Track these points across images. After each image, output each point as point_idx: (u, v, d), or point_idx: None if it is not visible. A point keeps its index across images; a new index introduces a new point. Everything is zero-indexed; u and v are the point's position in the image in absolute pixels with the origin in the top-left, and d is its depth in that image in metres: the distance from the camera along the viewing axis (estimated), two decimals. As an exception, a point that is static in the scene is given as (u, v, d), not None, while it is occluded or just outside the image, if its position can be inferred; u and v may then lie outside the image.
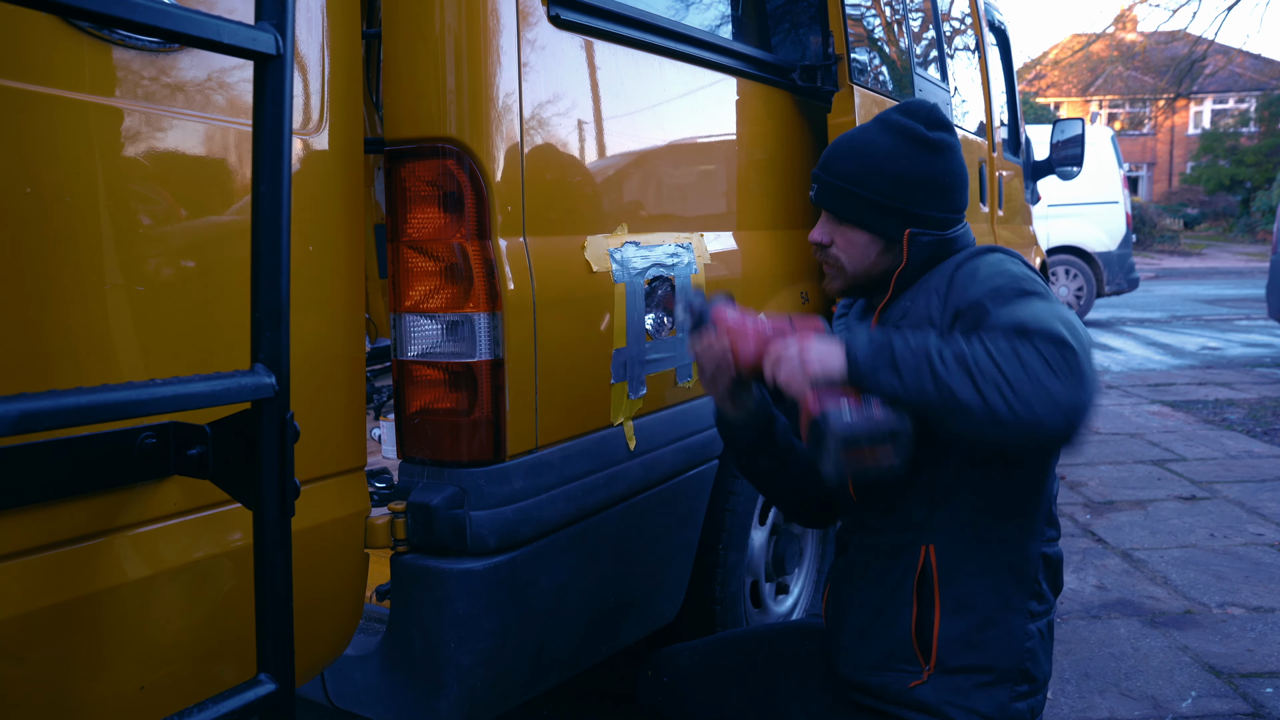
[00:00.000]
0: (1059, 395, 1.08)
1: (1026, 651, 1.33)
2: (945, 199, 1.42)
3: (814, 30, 2.26)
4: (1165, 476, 4.24)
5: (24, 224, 0.93)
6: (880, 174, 1.40)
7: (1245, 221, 24.88)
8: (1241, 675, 2.42)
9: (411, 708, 1.40)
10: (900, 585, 1.36)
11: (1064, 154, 5.10)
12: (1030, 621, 1.34)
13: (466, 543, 1.36)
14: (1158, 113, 27.49)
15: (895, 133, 1.42)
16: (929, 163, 1.40)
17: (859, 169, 1.41)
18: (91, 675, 1.02)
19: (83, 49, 0.99)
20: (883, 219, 1.41)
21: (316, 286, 1.25)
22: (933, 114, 1.44)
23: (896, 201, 1.40)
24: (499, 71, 1.38)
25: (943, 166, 1.41)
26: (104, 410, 0.83)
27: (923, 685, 1.32)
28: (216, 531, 1.13)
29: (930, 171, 1.41)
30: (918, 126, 1.41)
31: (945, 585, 1.33)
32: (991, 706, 1.31)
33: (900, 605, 1.36)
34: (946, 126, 1.44)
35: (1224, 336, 8.80)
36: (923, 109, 1.44)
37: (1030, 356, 1.09)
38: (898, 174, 1.40)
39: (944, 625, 1.32)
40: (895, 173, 1.40)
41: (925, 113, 1.43)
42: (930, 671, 1.32)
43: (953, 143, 1.43)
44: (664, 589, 1.80)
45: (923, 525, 1.34)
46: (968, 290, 1.28)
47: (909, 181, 1.40)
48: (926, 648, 1.33)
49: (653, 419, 1.70)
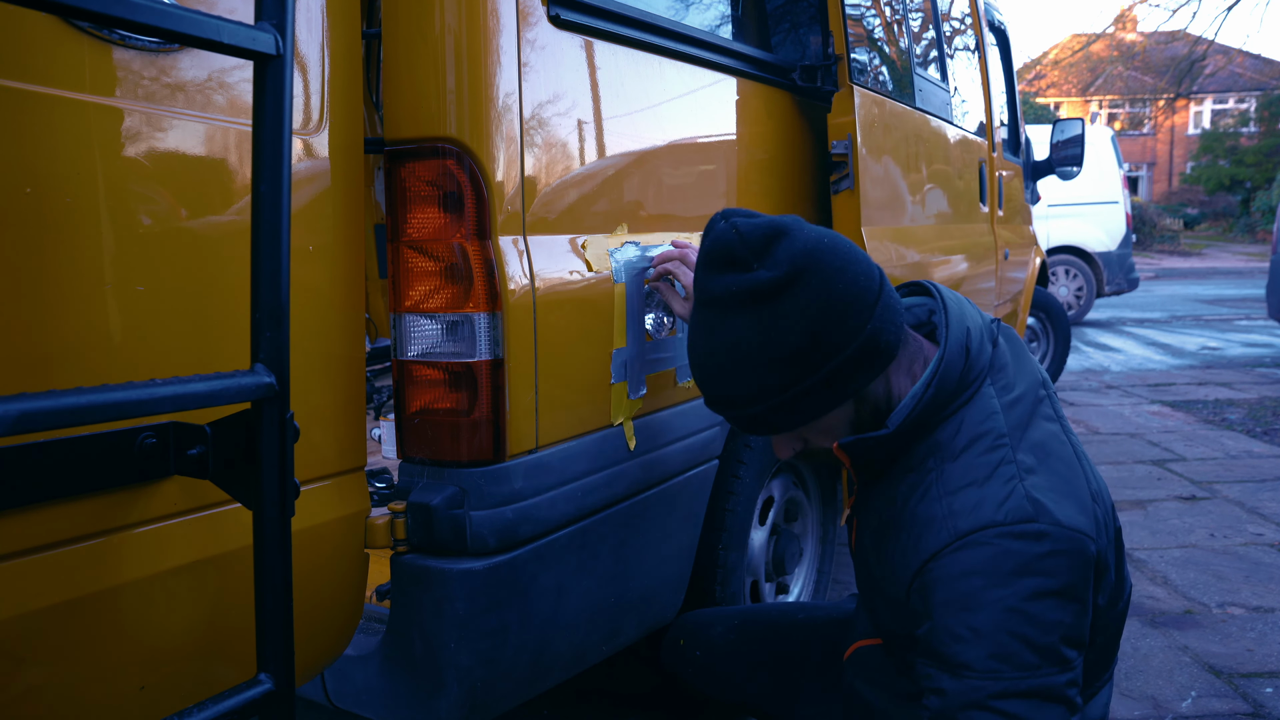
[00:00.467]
0: None
1: None
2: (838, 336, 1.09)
3: (814, 30, 2.26)
4: (1165, 476, 4.24)
5: (24, 224, 0.93)
6: (758, 373, 1.11)
7: (1245, 221, 24.88)
8: (1241, 675, 2.42)
9: (411, 708, 1.40)
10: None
11: (1064, 154, 5.10)
12: None
13: (466, 543, 1.36)
14: (1158, 113, 27.49)
15: (725, 309, 1.12)
16: (785, 322, 1.08)
17: (730, 387, 1.15)
18: (91, 675, 1.02)
19: (83, 49, 0.99)
20: (814, 402, 1.13)
21: (316, 286, 1.25)
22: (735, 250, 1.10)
23: (798, 386, 1.11)
24: (499, 71, 1.38)
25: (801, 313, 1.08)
26: (104, 410, 0.83)
27: None
28: (216, 531, 1.13)
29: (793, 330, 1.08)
30: (735, 284, 1.10)
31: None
32: None
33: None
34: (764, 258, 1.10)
35: (1224, 336, 8.81)
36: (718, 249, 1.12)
37: None
38: (770, 359, 1.10)
39: None
40: (770, 358, 1.10)
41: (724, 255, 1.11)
42: None
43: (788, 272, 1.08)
44: (664, 589, 1.80)
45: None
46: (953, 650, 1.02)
47: (788, 362, 1.10)
48: None
49: (653, 419, 1.70)
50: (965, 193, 3.51)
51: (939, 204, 3.11)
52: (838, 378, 1.10)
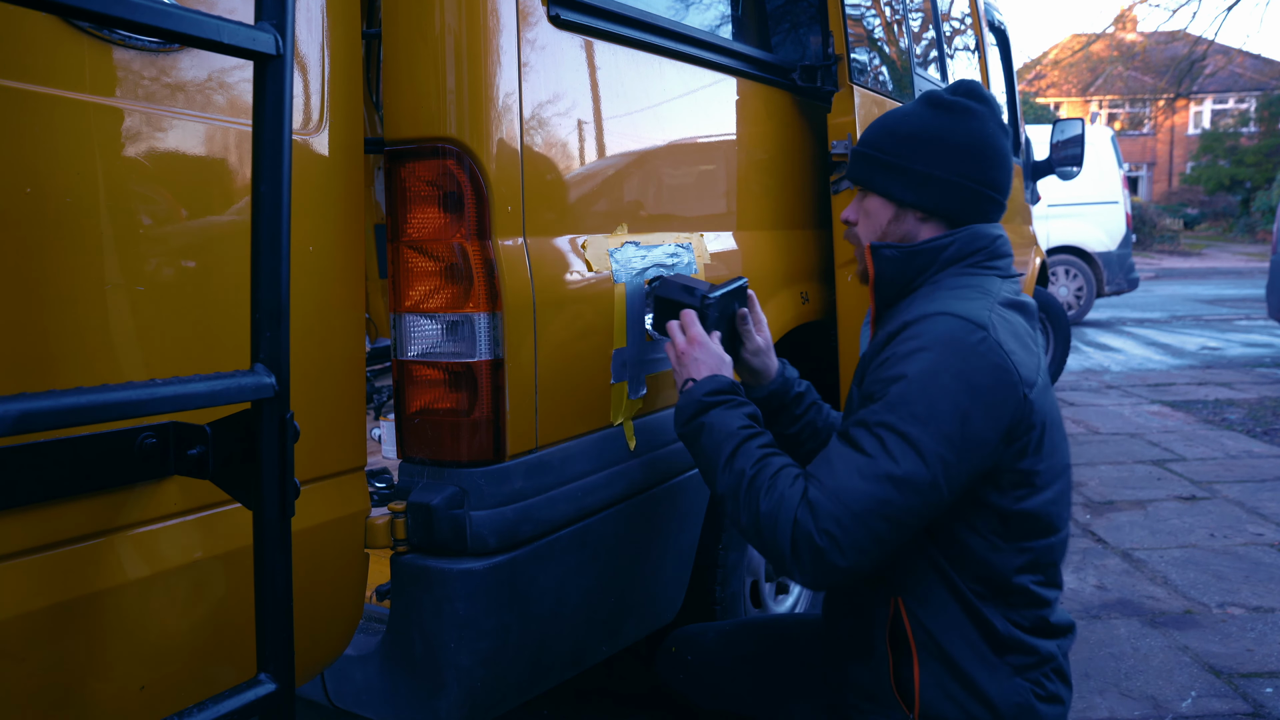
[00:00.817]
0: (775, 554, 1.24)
1: (1017, 706, 1.28)
2: (950, 158, 1.36)
3: (814, 30, 2.26)
4: (1165, 476, 4.24)
5: (24, 224, 0.93)
6: (888, 133, 1.41)
7: (1245, 221, 24.89)
8: (1241, 675, 2.42)
9: (411, 708, 1.40)
10: (875, 634, 1.34)
11: (1064, 154, 5.10)
12: (1015, 675, 1.29)
13: (466, 543, 1.36)
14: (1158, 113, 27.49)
15: (921, 100, 1.43)
16: (939, 120, 1.38)
17: (874, 131, 1.43)
18: (91, 675, 1.02)
19: (83, 49, 0.99)
20: (886, 176, 1.40)
21: (316, 286, 1.25)
22: (964, 84, 1.42)
23: (899, 159, 1.38)
24: (499, 71, 1.38)
25: (954, 125, 1.37)
26: (104, 410, 0.83)
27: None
28: (216, 531, 1.13)
29: (938, 129, 1.37)
30: (942, 91, 1.41)
31: (919, 637, 1.30)
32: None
33: (879, 656, 1.34)
34: (976, 96, 1.40)
35: (1224, 336, 8.81)
36: (961, 83, 1.43)
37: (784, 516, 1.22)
38: (903, 131, 1.39)
39: (922, 676, 1.29)
40: (901, 130, 1.40)
41: (959, 84, 1.43)
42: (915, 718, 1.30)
43: (974, 108, 1.38)
44: (664, 589, 1.80)
45: (889, 582, 1.32)
46: (887, 371, 1.24)
47: (910, 136, 1.38)
48: (908, 695, 1.31)
49: (653, 419, 1.70)
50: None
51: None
52: (908, 175, 1.37)
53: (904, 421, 1.19)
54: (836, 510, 1.19)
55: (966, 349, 1.21)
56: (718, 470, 1.32)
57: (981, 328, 1.22)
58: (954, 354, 1.21)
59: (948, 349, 1.21)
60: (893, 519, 1.19)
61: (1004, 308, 1.31)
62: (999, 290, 1.33)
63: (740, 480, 1.28)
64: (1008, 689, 1.28)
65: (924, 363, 1.21)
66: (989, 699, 1.27)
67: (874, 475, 1.19)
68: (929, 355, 1.21)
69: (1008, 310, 1.31)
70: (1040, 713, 1.30)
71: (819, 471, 1.24)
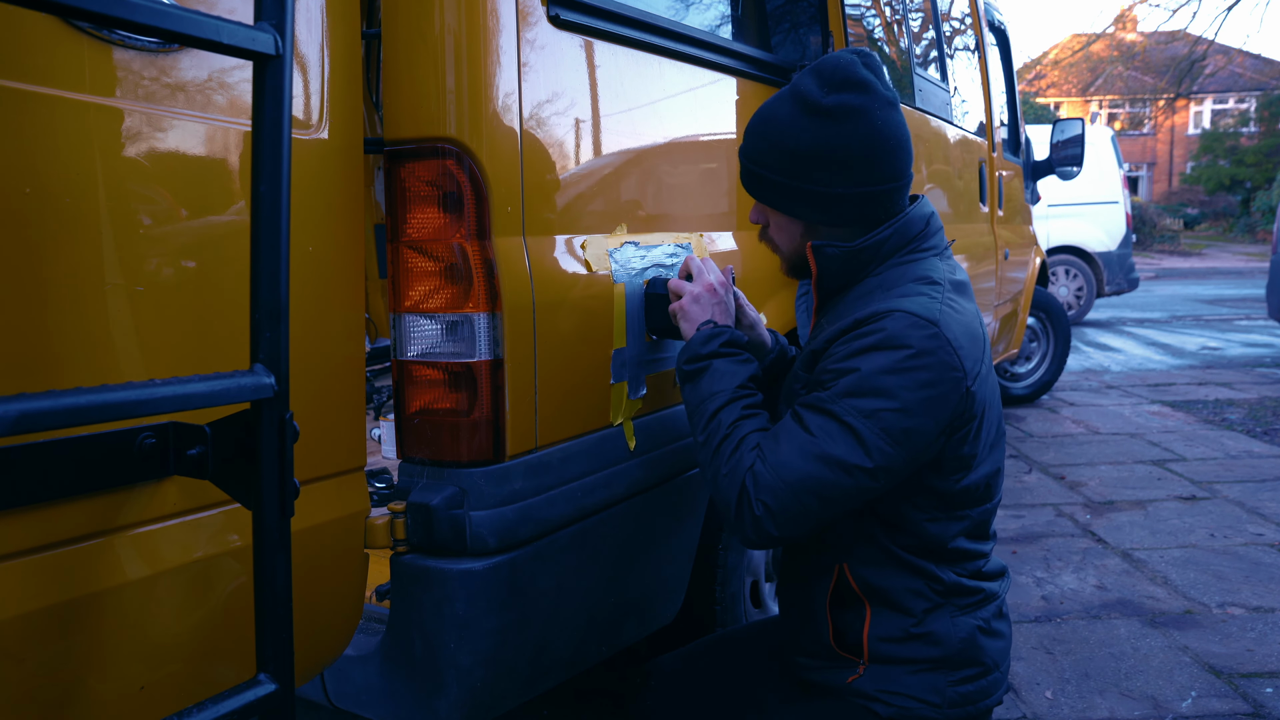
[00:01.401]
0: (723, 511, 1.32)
1: (964, 641, 1.35)
2: (849, 173, 1.31)
3: (814, 30, 2.26)
4: (1165, 476, 4.24)
5: (24, 224, 0.93)
6: (775, 150, 1.34)
7: (1245, 221, 24.88)
8: (1241, 675, 2.42)
9: (411, 708, 1.40)
10: (818, 600, 1.40)
11: (1064, 154, 5.10)
12: (960, 615, 1.36)
13: (466, 543, 1.36)
14: (1158, 113, 27.50)
15: (793, 99, 1.34)
16: (825, 132, 1.30)
17: (758, 145, 1.38)
18: (91, 675, 1.02)
19: (83, 49, 0.99)
20: (790, 201, 1.38)
21: (316, 286, 1.25)
22: (838, 72, 1.31)
23: (797, 180, 1.34)
24: (499, 71, 1.38)
25: (841, 134, 1.30)
26: (104, 410, 0.83)
27: (859, 679, 1.36)
28: (216, 531, 1.13)
29: (827, 143, 1.30)
30: (814, 90, 1.31)
31: (864, 590, 1.37)
32: (926, 690, 1.34)
33: (820, 621, 1.40)
34: (852, 86, 1.30)
35: (1224, 336, 8.81)
36: (830, 66, 1.32)
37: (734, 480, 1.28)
38: (790, 149, 1.33)
39: (872, 625, 1.36)
40: (788, 147, 1.33)
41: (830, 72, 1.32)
42: (865, 665, 1.37)
43: (857, 104, 1.30)
44: (664, 589, 1.80)
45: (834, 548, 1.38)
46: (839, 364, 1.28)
47: (804, 157, 1.32)
48: (855, 649, 1.37)
49: (653, 419, 1.70)
50: (965, 193, 3.52)
51: (939, 204, 3.11)
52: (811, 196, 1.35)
53: (848, 413, 1.24)
54: (774, 483, 1.25)
55: (916, 347, 1.24)
56: (704, 418, 1.37)
57: (932, 324, 1.25)
58: (904, 353, 1.24)
59: (897, 347, 1.24)
60: (824, 497, 1.25)
61: (951, 293, 1.33)
62: (942, 274, 1.36)
63: (716, 433, 1.34)
64: (953, 626, 1.35)
65: (876, 361, 1.24)
66: (935, 636, 1.35)
67: (813, 455, 1.24)
68: (879, 354, 1.25)
69: (955, 296, 1.33)
70: (984, 645, 1.37)
71: (766, 445, 1.29)
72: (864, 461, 1.23)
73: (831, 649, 1.39)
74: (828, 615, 1.39)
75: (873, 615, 1.36)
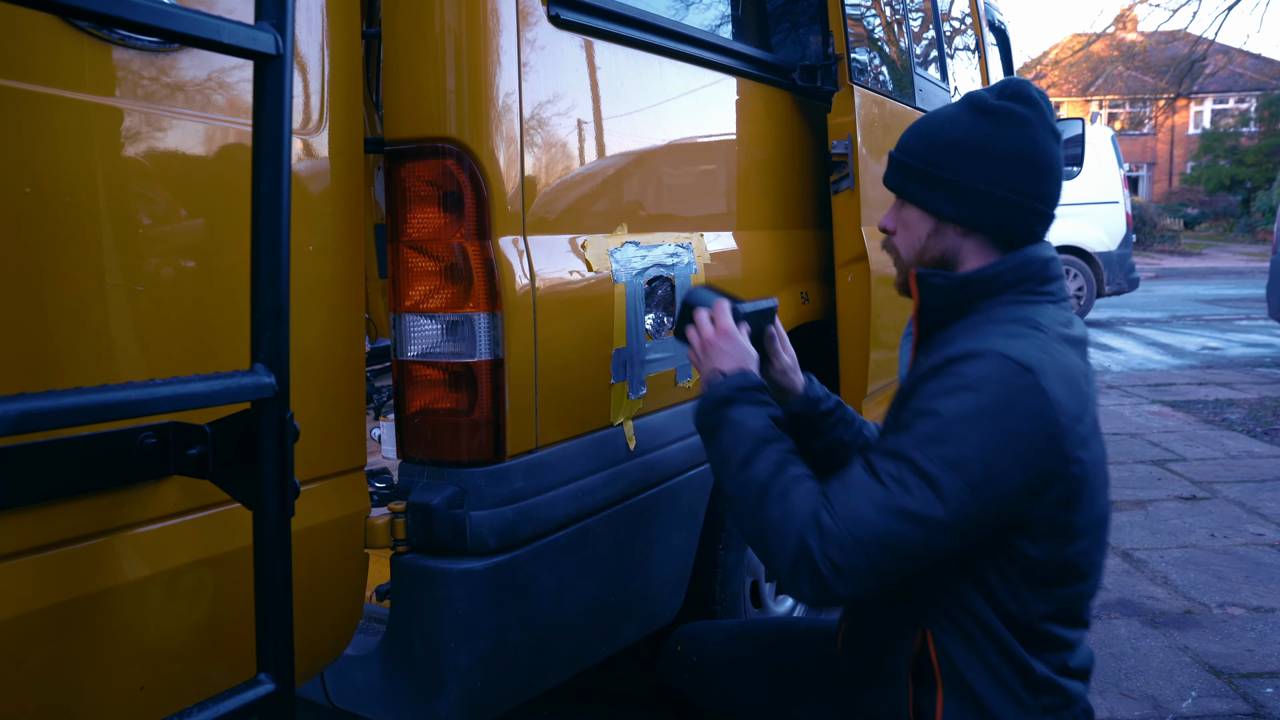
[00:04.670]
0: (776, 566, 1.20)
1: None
2: (995, 170, 1.27)
3: (814, 30, 2.26)
4: (1165, 476, 4.24)
5: (24, 224, 0.93)
6: (928, 140, 1.32)
7: (1245, 221, 24.88)
8: (1241, 675, 2.42)
9: (411, 708, 1.40)
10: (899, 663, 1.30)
11: (1064, 154, 5.10)
12: (1045, 716, 1.25)
13: (466, 543, 1.36)
14: (1158, 113, 27.48)
15: (961, 102, 1.33)
16: (984, 127, 1.28)
17: (912, 137, 1.35)
18: (91, 675, 1.02)
19: (83, 49, 0.99)
20: (925, 188, 1.31)
21: (316, 286, 1.25)
22: (1011, 86, 1.30)
23: (940, 169, 1.29)
24: (499, 71, 1.38)
25: (1000, 133, 1.27)
26: (104, 410, 0.83)
27: None
28: (216, 531, 1.13)
29: (983, 137, 1.27)
30: (986, 94, 1.31)
31: (945, 671, 1.25)
32: None
33: (899, 685, 1.29)
34: (1023, 99, 1.29)
35: (1224, 336, 8.80)
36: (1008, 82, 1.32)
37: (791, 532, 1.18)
38: (944, 139, 1.30)
39: (945, 713, 1.25)
40: (942, 138, 1.30)
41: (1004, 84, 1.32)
42: None
43: (1022, 113, 1.28)
44: (664, 589, 1.80)
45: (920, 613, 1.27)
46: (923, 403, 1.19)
47: (952, 145, 1.29)
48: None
49: (653, 419, 1.70)
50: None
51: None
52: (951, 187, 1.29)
53: (928, 460, 1.14)
54: (843, 538, 1.15)
55: (1009, 395, 1.14)
56: (732, 469, 1.27)
57: (1029, 371, 1.15)
58: (994, 399, 1.14)
59: (988, 393, 1.14)
60: (898, 553, 1.14)
61: (1058, 344, 1.22)
62: (1052, 323, 1.25)
63: (752, 484, 1.24)
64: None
65: (961, 404, 1.15)
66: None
67: (887, 508, 1.14)
68: (968, 396, 1.15)
69: (1061, 346, 1.22)
70: None
71: (833, 494, 1.19)
72: (939, 515, 1.13)
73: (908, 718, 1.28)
74: (910, 683, 1.27)
75: (946, 700, 1.24)
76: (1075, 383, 1.20)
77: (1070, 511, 1.20)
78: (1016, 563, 1.21)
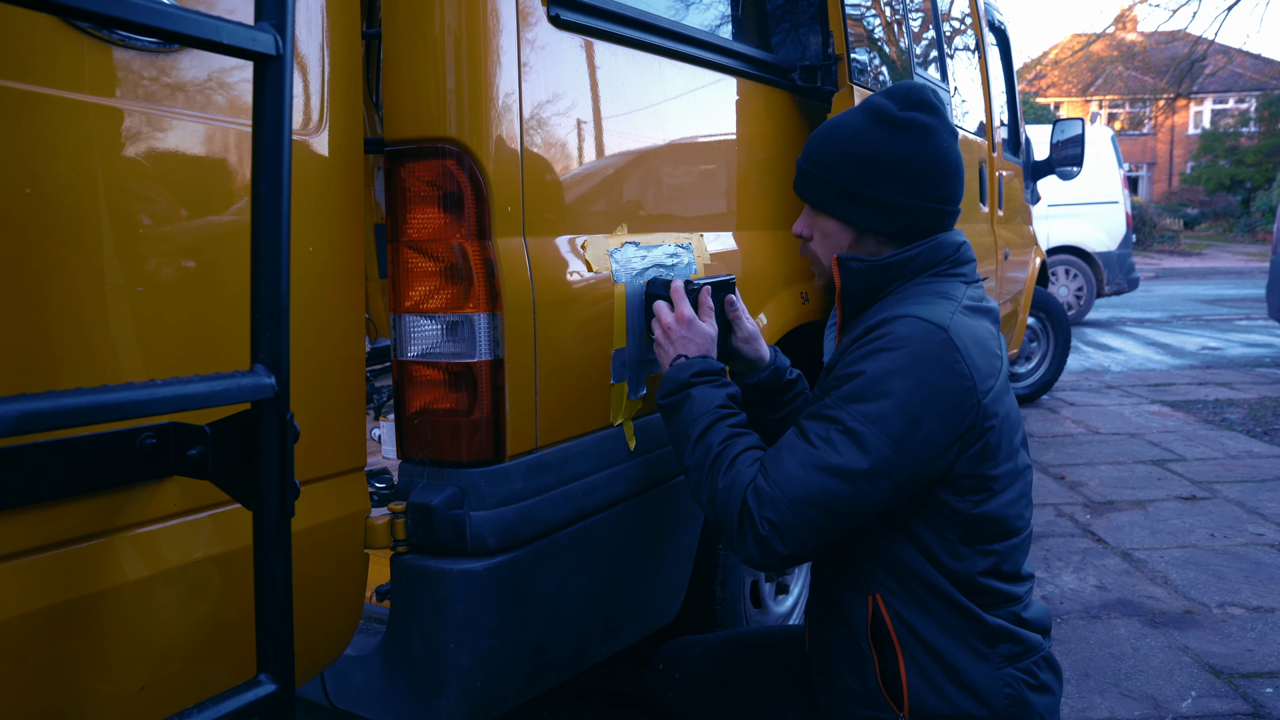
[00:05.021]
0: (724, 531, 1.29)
1: (1008, 698, 1.28)
2: (912, 184, 1.35)
3: (814, 30, 2.26)
4: (1165, 476, 4.24)
5: (24, 224, 0.93)
6: (842, 155, 1.38)
7: (1245, 221, 24.88)
8: (1241, 675, 2.42)
9: (411, 708, 1.40)
10: (858, 636, 1.34)
11: (1064, 154, 5.10)
12: (1005, 666, 1.29)
13: (466, 543, 1.36)
14: (1158, 113, 27.48)
15: (865, 112, 1.39)
16: (894, 141, 1.35)
17: (824, 150, 1.41)
18: (91, 675, 1.02)
19: (83, 49, 0.99)
20: (844, 203, 1.39)
21: (316, 286, 1.25)
22: (912, 94, 1.37)
23: (856, 184, 1.37)
24: (499, 71, 1.38)
25: (909, 147, 1.35)
26: (104, 410, 0.83)
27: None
28: (216, 532, 1.13)
29: (892, 151, 1.35)
30: (888, 104, 1.37)
31: (902, 635, 1.30)
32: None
33: (862, 656, 1.33)
34: (925, 107, 1.37)
35: (1224, 336, 8.80)
36: (904, 89, 1.39)
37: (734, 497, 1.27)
38: (857, 154, 1.36)
39: (910, 674, 1.29)
40: (855, 154, 1.37)
41: (904, 92, 1.38)
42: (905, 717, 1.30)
43: (928, 123, 1.36)
44: (664, 589, 1.80)
45: (868, 579, 1.33)
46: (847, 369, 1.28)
47: (868, 161, 1.36)
48: (897, 695, 1.31)
49: (653, 419, 1.70)
50: (965, 193, 3.51)
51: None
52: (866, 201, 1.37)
53: (853, 418, 1.22)
54: (777, 498, 1.23)
55: (924, 350, 1.23)
56: (689, 444, 1.36)
57: (942, 329, 1.25)
58: (911, 355, 1.23)
59: (906, 349, 1.24)
60: (829, 510, 1.22)
61: (967, 311, 1.33)
62: (963, 295, 1.36)
63: (706, 455, 1.33)
64: (998, 679, 1.28)
65: (882, 363, 1.24)
66: (979, 691, 1.27)
67: (815, 465, 1.22)
68: (886, 355, 1.24)
69: (971, 314, 1.33)
70: (1033, 703, 1.29)
71: (769, 460, 1.28)
72: (865, 467, 1.20)
73: (878, 691, 1.32)
74: (873, 652, 1.32)
75: (907, 662, 1.29)
76: (985, 344, 1.30)
77: (989, 464, 1.28)
78: (947, 519, 1.29)
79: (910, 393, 1.21)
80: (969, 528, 1.29)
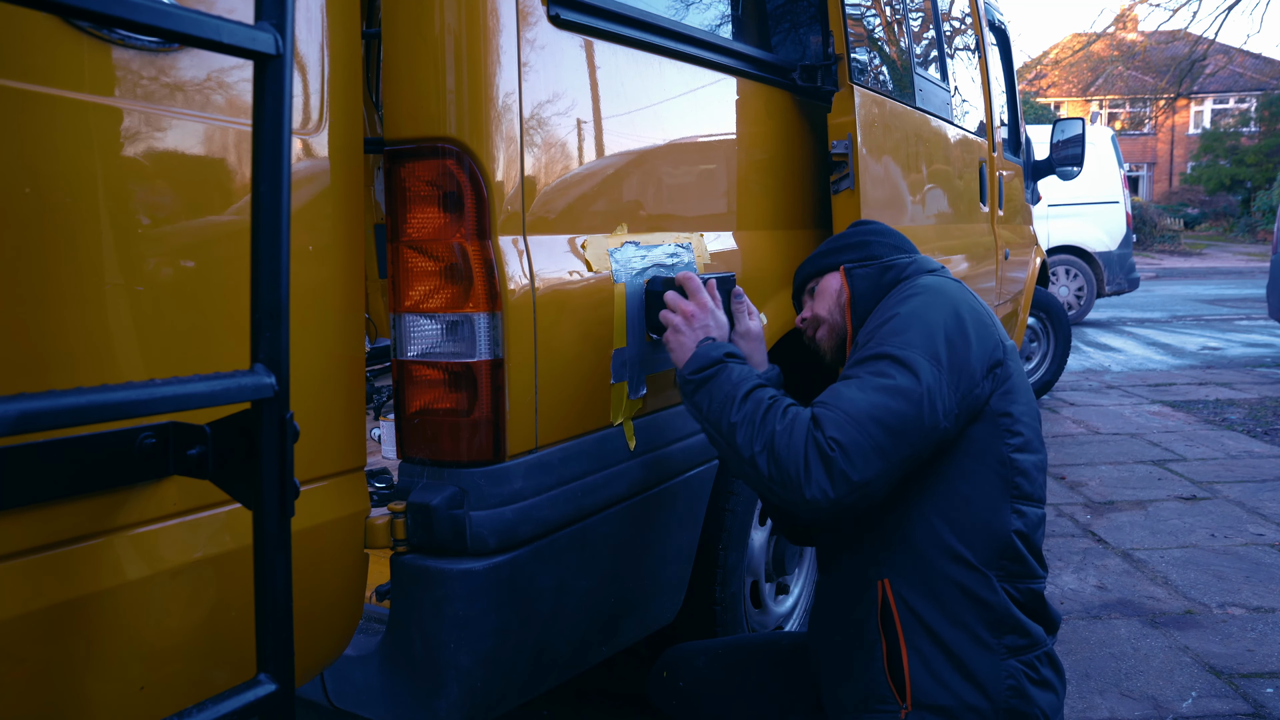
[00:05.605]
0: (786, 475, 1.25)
1: (1010, 689, 1.28)
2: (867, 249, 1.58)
3: (814, 30, 2.26)
4: (1166, 476, 4.24)
5: (24, 224, 0.93)
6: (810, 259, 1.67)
7: (1246, 221, 24.87)
8: (1242, 675, 2.42)
9: (411, 708, 1.40)
10: (865, 623, 1.35)
11: (1064, 154, 5.10)
12: (1009, 658, 1.30)
13: (466, 543, 1.36)
14: (1158, 113, 27.49)
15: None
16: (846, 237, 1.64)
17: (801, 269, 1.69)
18: (91, 675, 1.02)
19: (83, 49, 0.99)
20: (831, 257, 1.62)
21: (316, 286, 1.25)
22: None
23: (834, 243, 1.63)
24: (499, 71, 1.38)
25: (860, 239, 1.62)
26: (104, 410, 0.83)
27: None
28: (216, 531, 1.13)
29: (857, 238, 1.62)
30: None
31: (907, 621, 1.31)
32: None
33: (870, 644, 1.34)
34: None
35: (1224, 336, 8.80)
36: None
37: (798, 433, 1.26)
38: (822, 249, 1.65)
39: (912, 662, 1.30)
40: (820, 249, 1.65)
41: None
42: (908, 709, 1.30)
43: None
44: (664, 589, 1.80)
45: (878, 562, 1.35)
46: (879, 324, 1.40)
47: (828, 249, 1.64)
48: (901, 685, 1.31)
49: (653, 419, 1.70)
50: (965, 193, 3.51)
51: (939, 204, 3.11)
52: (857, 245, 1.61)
53: (895, 348, 1.31)
54: (840, 418, 1.25)
55: (947, 289, 1.41)
56: (734, 402, 1.34)
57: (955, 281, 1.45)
58: (937, 293, 1.39)
59: (930, 293, 1.40)
60: (892, 430, 1.24)
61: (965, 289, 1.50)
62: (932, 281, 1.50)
63: (758, 408, 1.31)
64: (1000, 671, 1.28)
65: (913, 304, 1.38)
66: (980, 682, 1.28)
67: (872, 388, 1.28)
68: (916, 298, 1.39)
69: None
70: (1033, 696, 1.30)
71: (825, 396, 1.32)
72: (917, 386, 1.26)
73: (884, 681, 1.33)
74: (881, 638, 1.34)
75: (910, 651, 1.30)
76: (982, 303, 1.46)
77: (1013, 402, 1.36)
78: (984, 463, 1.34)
79: (944, 321, 1.33)
80: (1007, 474, 1.33)
